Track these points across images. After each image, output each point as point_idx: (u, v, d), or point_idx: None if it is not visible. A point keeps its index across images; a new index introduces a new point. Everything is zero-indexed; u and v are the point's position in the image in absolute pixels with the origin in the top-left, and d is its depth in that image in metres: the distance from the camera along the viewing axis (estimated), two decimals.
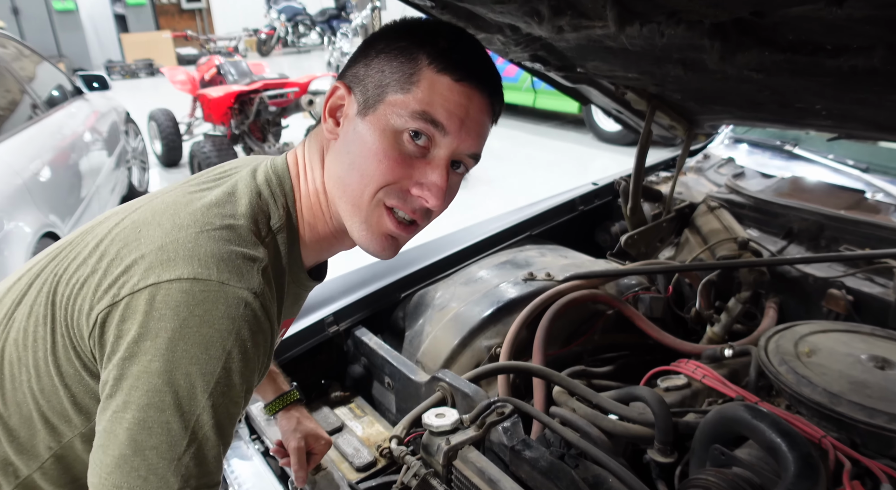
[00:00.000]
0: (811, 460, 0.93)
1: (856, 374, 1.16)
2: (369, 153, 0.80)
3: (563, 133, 7.82)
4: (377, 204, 0.82)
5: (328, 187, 0.85)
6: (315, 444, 1.19)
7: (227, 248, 0.73)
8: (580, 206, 2.15)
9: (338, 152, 0.83)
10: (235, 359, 0.70)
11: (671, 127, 1.97)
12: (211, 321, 0.69)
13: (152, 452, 0.68)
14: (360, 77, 0.82)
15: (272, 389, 1.22)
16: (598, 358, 1.58)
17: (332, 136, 0.84)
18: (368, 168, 0.80)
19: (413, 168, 0.81)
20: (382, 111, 0.79)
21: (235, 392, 0.72)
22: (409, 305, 1.66)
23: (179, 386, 0.68)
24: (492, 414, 1.14)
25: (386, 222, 0.83)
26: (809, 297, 1.58)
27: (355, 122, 0.81)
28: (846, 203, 1.79)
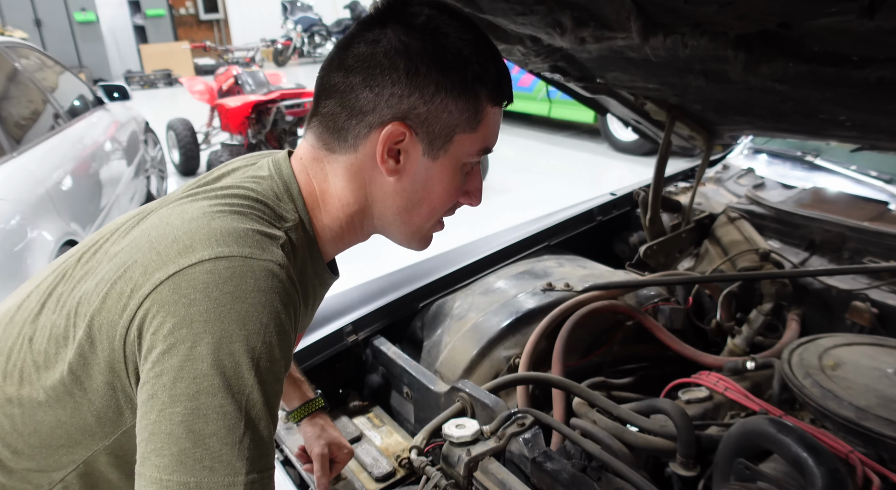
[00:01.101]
0: (839, 476, 0.92)
1: (882, 389, 1.14)
2: (444, 192, 0.85)
3: (578, 143, 7.81)
4: (437, 222, 0.90)
5: (376, 213, 0.86)
6: (338, 452, 1.19)
7: (244, 225, 0.73)
8: (598, 217, 2.14)
9: (402, 189, 0.84)
10: (273, 331, 0.69)
11: (690, 137, 1.96)
12: (243, 296, 0.68)
13: (213, 439, 0.65)
14: (421, 117, 0.79)
15: (297, 396, 1.23)
16: (618, 369, 1.57)
17: (392, 174, 0.82)
18: (439, 203, 0.86)
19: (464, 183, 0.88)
20: (454, 152, 0.82)
21: (278, 367, 0.70)
22: (428, 315, 1.66)
23: (225, 367, 0.66)
24: (512, 425, 1.13)
25: (438, 229, 0.91)
26: (833, 309, 1.56)
27: (424, 164, 0.82)
28: (869, 214, 1.77)
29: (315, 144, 0.85)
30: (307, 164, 0.86)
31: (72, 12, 13.41)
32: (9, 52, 3.56)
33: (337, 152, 0.83)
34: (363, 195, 0.85)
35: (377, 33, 0.78)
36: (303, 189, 0.85)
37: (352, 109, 0.80)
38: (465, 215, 2.00)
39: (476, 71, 0.79)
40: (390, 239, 0.91)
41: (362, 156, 0.82)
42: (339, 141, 0.83)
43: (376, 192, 0.84)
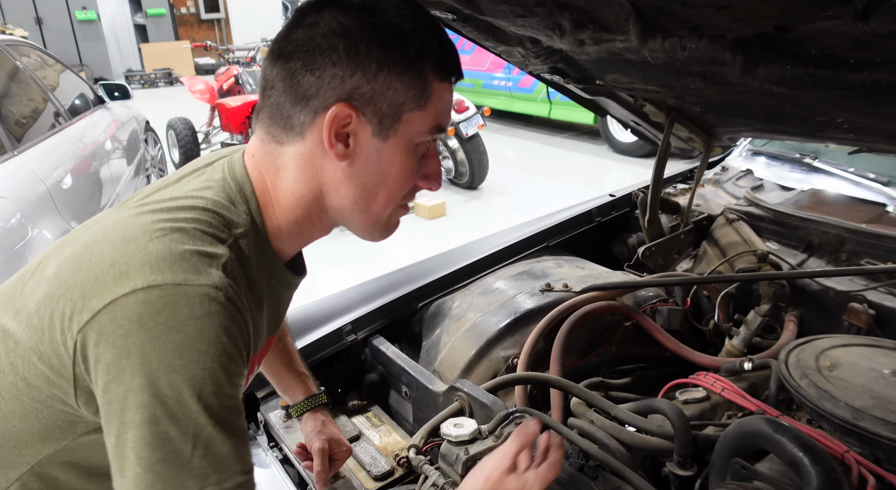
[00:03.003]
0: (834, 475, 0.93)
1: (879, 389, 1.15)
2: (397, 175, 0.83)
3: (578, 144, 7.82)
4: (396, 209, 0.88)
5: (333, 203, 0.84)
6: (337, 449, 1.20)
7: (180, 248, 0.71)
8: (597, 218, 2.14)
9: (354, 174, 0.82)
10: (213, 356, 0.69)
11: (689, 139, 1.97)
12: (177, 326, 0.67)
13: (161, 465, 0.68)
14: (366, 96, 0.77)
15: (301, 391, 1.23)
16: (616, 370, 1.58)
17: (343, 158, 0.80)
18: (395, 187, 0.84)
19: (419, 166, 0.86)
20: (405, 131, 0.80)
21: (225, 389, 0.70)
22: (427, 315, 1.67)
23: (166, 396, 0.67)
24: (510, 424, 1.14)
25: (398, 215, 0.89)
26: (830, 310, 1.56)
27: (375, 146, 0.80)
28: (867, 216, 1.77)
29: (264, 138, 0.83)
30: (259, 160, 0.84)
31: (73, 11, 13.43)
32: (10, 50, 3.56)
33: (286, 144, 0.82)
34: (316, 186, 0.82)
35: (315, 17, 0.77)
36: (256, 188, 0.83)
37: (295, 96, 0.78)
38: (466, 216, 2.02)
39: (418, 46, 0.78)
40: (351, 231, 0.90)
41: (311, 143, 0.80)
42: (287, 131, 0.81)
43: (329, 181, 0.82)
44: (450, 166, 5.90)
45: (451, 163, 5.86)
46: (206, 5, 15.89)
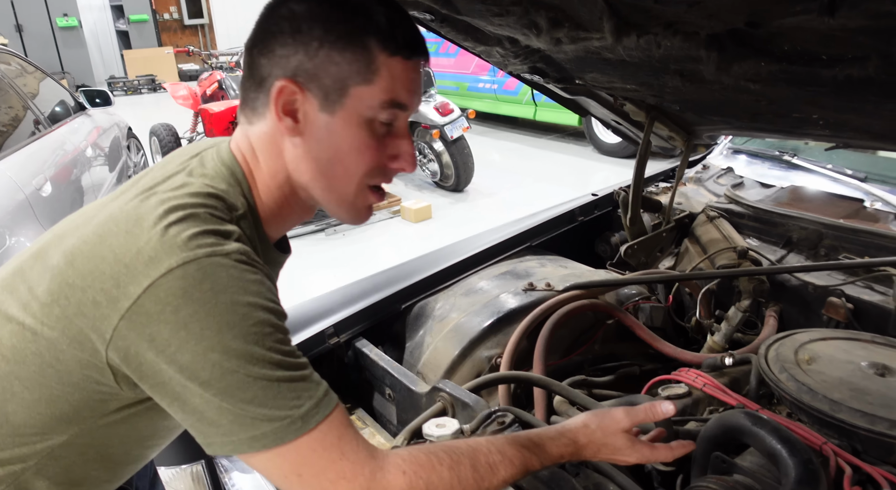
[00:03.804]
0: (812, 466, 0.93)
1: (856, 382, 1.16)
2: (350, 149, 0.85)
3: (563, 146, 7.85)
4: (363, 189, 0.89)
5: (298, 181, 0.88)
6: None
7: (198, 229, 0.75)
8: (580, 217, 2.15)
9: (308, 150, 0.86)
10: (262, 306, 0.74)
11: (670, 138, 1.98)
12: (222, 289, 0.72)
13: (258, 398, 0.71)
14: (309, 72, 0.81)
15: None
16: (599, 367, 1.58)
17: (294, 134, 0.85)
18: (351, 162, 0.86)
19: (385, 145, 0.87)
20: (351, 105, 0.83)
21: (280, 327, 0.76)
22: (410, 317, 1.67)
23: (235, 349, 0.71)
24: (492, 423, 1.14)
25: (370, 199, 0.91)
26: (809, 305, 1.58)
27: (323, 120, 0.84)
28: (845, 212, 1.79)
29: (243, 123, 0.90)
30: (240, 144, 0.89)
31: (54, 18, 13.29)
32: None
33: (256, 125, 0.87)
34: (282, 164, 0.87)
35: (277, 7, 0.83)
36: (244, 171, 0.88)
37: (255, 80, 0.85)
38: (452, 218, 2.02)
39: (362, 22, 0.81)
40: (325, 210, 0.93)
41: (270, 122, 0.85)
42: (255, 114, 0.87)
43: (291, 159, 0.86)
44: (435, 169, 5.91)
45: (436, 165, 5.87)
46: (189, 11, 15.81)
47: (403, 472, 0.76)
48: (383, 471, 0.75)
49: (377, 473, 0.75)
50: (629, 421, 0.92)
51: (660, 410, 0.93)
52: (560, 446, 0.89)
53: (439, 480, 0.77)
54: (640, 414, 0.93)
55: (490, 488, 0.81)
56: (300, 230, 4.88)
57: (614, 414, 0.93)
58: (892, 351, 1.27)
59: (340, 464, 0.74)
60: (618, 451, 0.91)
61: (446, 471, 0.77)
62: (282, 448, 0.73)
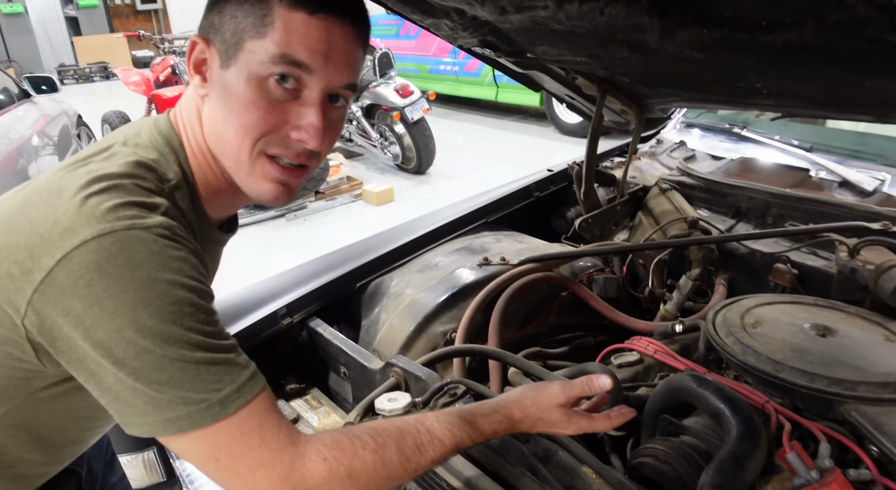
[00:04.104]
0: (752, 423, 0.95)
1: (798, 342, 1.18)
2: (239, 105, 0.80)
3: (525, 126, 7.87)
4: (258, 155, 0.83)
5: (210, 145, 0.86)
6: None
7: (121, 200, 0.72)
8: (536, 193, 2.16)
9: (211, 109, 0.83)
10: (182, 283, 0.71)
11: (623, 111, 1.99)
12: (138, 264, 0.69)
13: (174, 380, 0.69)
14: (215, 27, 0.80)
15: None
16: (554, 339, 1.60)
17: (203, 93, 0.83)
18: (241, 120, 0.81)
19: (287, 113, 0.81)
20: (244, 59, 0.79)
21: (203, 307, 0.73)
22: (365, 295, 1.65)
23: (151, 328, 0.68)
24: (444, 395, 1.14)
25: (270, 171, 0.84)
26: (757, 272, 1.61)
27: (220, 75, 0.81)
28: (792, 181, 1.83)
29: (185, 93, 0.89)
30: (182, 110, 0.87)
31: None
32: None
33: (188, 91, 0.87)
34: (202, 131, 0.85)
35: None
36: (182, 139, 0.86)
37: None
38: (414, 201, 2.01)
39: None
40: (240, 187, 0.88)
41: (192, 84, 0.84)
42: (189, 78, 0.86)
43: (204, 118, 0.84)
44: (397, 151, 5.87)
45: (397, 148, 5.83)
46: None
47: (324, 459, 0.74)
48: (303, 458, 0.73)
49: (297, 461, 0.73)
50: (564, 396, 0.90)
51: (596, 384, 0.91)
52: (494, 423, 0.87)
53: (362, 465, 0.75)
54: (575, 388, 0.91)
55: (418, 469, 0.80)
56: (261, 215, 4.81)
57: (550, 388, 0.91)
58: (833, 313, 1.30)
59: (259, 451, 0.72)
60: (554, 424, 0.90)
61: (370, 455, 0.76)
62: (198, 432, 0.71)
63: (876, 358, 1.13)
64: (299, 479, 0.73)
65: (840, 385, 1.05)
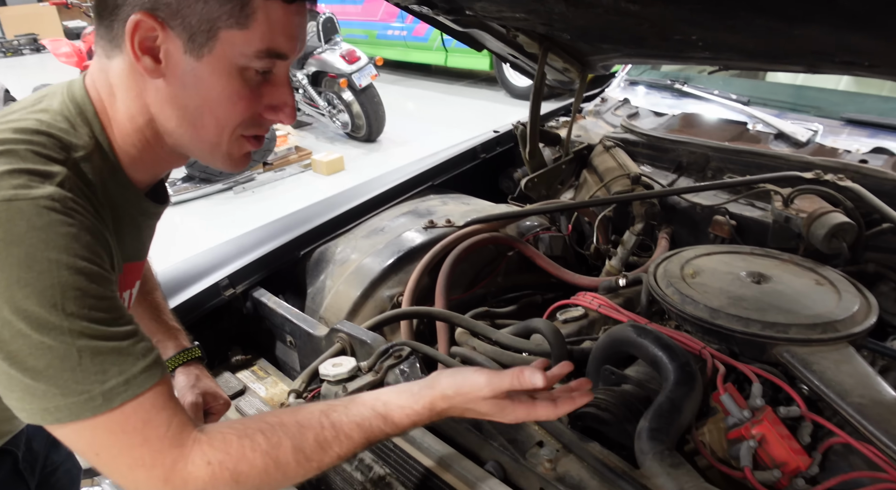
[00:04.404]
0: (688, 368, 0.98)
1: (734, 290, 1.21)
2: (221, 98, 0.77)
3: (476, 91, 7.81)
4: (237, 138, 0.82)
5: (164, 127, 0.80)
6: (213, 402, 1.15)
7: (10, 167, 0.67)
8: (482, 154, 2.15)
9: (173, 95, 0.77)
10: (66, 264, 0.66)
11: (565, 69, 1.98)
12: (17, 240, 0.64)
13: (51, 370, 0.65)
14: (172, 8, 0.72)
15: (172, 345, 1.16)
16: (502, 299, 1.61)
17: (155, 75, 0.76)
18: (223, 112, 0.78)
19: (261, 95, 0.80)
20: (222, 51, 0.74)
21: (91, 291, 0.67)
22: (310, 262, 1.63)
23: (27, 311, 0.63)
24: (389, 358, 1.13)
25: (245, 147, 0.84)
26: (697, 225, 1.64)
27: (189, 64, 0.74)
28: (730, 135, 1.86)
29: (100, 57, 0.79)
30: (96, 79, 0.80)
31: None
32: None
33: (113, 58, 0.77)
34: (144, 106, 0.79)
35: None
36: (97, 109, 0.79)
37: (108, 6, 0.74)
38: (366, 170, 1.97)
39: None
40: (194, 156, 0.85)
41: (129, 59, 0.75)
42: (112, 45, 0.76)
43: (153, 102, 0.78)
44: (346, 120, 5.76)
45: (346, 116, 5.72)
46: None
47: (208, 463, 0.70)
48: (186, 460, 0.69)
49: (179, 463, 0.69)
50: (490, 390, 0.80)
51: (527, 380, 0.79)
52: (412, 415, 0.80)
53: (249, 469, 0.71)
54: (503, 383, 0.80)
55: (322, 466, 0.75)
56: (206, 190, 4.68)
57: (474, 381, 0.81)
58: (768, 260, 1.34)
59: (140, 450, 0.68)
60: (486, 415, 0.82)
61: (259, 458, 0.71)
62: (77, 425, 0.66)
63: (807, 301, 1.16)
64: (180, 483, 0.69)
65: (773, 328, 1.08)
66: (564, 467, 0.87)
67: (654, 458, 0.84)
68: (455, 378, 0.82)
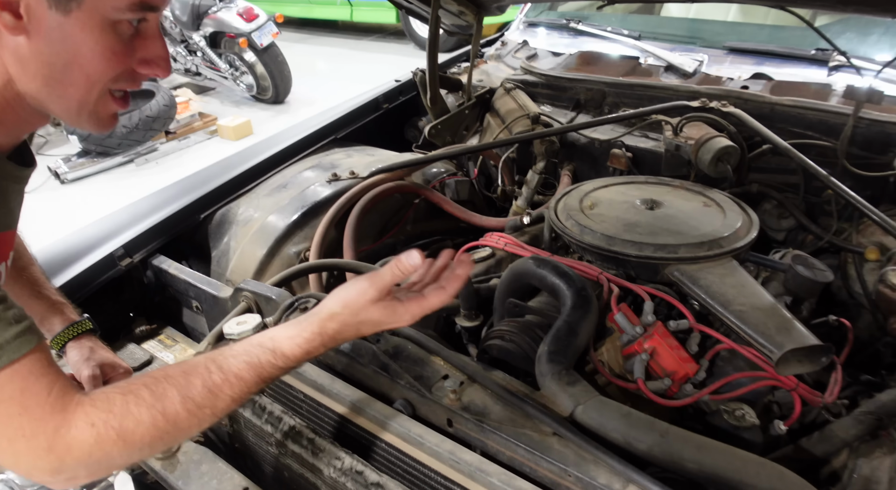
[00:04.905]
0: (584, 293, 1.02)
1: (629, 217, 1.26)
2: (92, 54, 0.73)
3: (384, 46, 7.65)
4: (103, 95, 0.78)
5: (25, 87, 0.75)
6: (113, 373, 1.10)
7: None
8: (385, 105, 2.11)
9: (37, 52, 0.72)
10: None
11: (461, 13, 1.96)
12: None
13: None
14: None
15: (59, 320, 1.10)
16: (413, 246, 1.60)
17: (17, 32, 0.70)
18: (94, 69, 0.74)
19: (133, 48, 0.76)
20: (92, 5, 0.70)
21: None
22: (212, 225, 1.57)
23: None
24: (295, 311, 1.12)
25: (113, 107, 0.80)
26: (597, 159, 1.69)
27: (55, 20, 0.70)
28: (624, 70, 1.90)
29: None
30: None
31: None
32: None
33: None
34: (2, 65, 0.73)
35: None
36: None
37: None
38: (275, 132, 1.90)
39: None
40: (58, 117, 0.81)
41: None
42: None
43: (13, 60, 0.73)
44: (250, 82, 5.53)
45: (250, 78, 5.49)
46: None
47: (92, 425, 0.68)
48: (69, 425, 0.67)
49: (61, 429, 0.67)
50: (375, 290, 0.79)
51: (406, 264, 0.79)
52: (303, 343, 0.79)
53: (136, 425, 0.69)
54: (386, 277, 0.80)
55: (217, 412, 0.74)
56: (106, 163, 4.42)
57: (357, 288, 0.80)
58: (661, 188, 1.39)
59: (19, 420, 0.66)
60: (381, 323, 0.81)
61: (145, 411, 0.69)
62: None
63: (695, 223, 1.22)
64: (64, 449, 0.67)
65: (664, 250, 1.13)
66: (469, 397, 0.90)
67: (553, 378, 0.88)
68: (338, 293, 0.82)
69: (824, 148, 1.44)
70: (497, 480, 0.80)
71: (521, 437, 0.82)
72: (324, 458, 0.92)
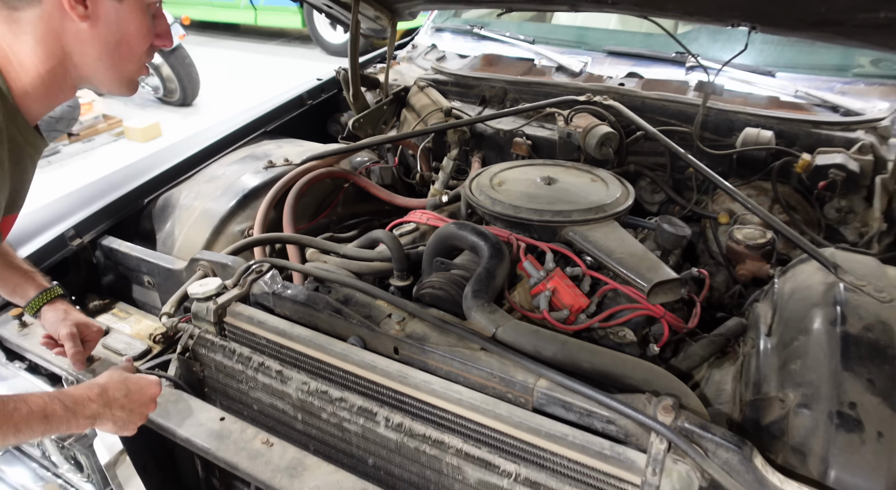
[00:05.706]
0: (499, 246, 1.25)
1: (532, 191, 1.51)
2: (137, 32, 0.95)
3: (290, 50, 7.69)
4: (141, 64, 1.01)
5: (79, 62, 0.93)
6: (87, 331, 1.22)
7: None
8: (308, 101, 2.28)
9: (97, 34, 0.91)
10: None
11: (377, 17, 2.16)
12: None
13: None
14: None
15: (32, 287, 1.21)
16: (344, 226, 1.79)
17: (84, 19, 0.89)
18: (137, 43, 0.96)
19: (154, 26, 0.99)
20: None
21: None
22: (156, 209, 1.69)
23: None
24: (251, 274, 1.28)
25: (141, 74, 1.03)
26: (502, 147, 1.94)
27: (112, 7, 0.91)
28: (522, 70, 2.17)
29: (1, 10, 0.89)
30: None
31: None
32: None
33: (20, 9, 0.89)
34: (59, 47, 0.91)
35: None
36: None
37: None
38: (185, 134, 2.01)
39: None
40: (98, 87, 1.01)
41: (49, 7, 0.88)
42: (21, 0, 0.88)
43: (73, 42, 0.91)
44: (157, 84, 5.46)
45: (157, 80, 5.43)
46: None
47: None
48: None
49: None
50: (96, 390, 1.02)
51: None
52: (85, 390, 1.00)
53: None
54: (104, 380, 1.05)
55: None
56: None
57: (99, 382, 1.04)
58: (557, 168, 1.66)
59: None
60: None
61: None
62: None
63: (585, 194, 1.49)
64: None
65: (560, 215, 1.39)
66: (411, 328, 1.10)
67: (477, 309, 1.10)
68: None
69: (684, 133, 1.75)
70: (439, 387, 1.01)
71: (455, 353, 1.04)
72: (292, 384, 1.09)
